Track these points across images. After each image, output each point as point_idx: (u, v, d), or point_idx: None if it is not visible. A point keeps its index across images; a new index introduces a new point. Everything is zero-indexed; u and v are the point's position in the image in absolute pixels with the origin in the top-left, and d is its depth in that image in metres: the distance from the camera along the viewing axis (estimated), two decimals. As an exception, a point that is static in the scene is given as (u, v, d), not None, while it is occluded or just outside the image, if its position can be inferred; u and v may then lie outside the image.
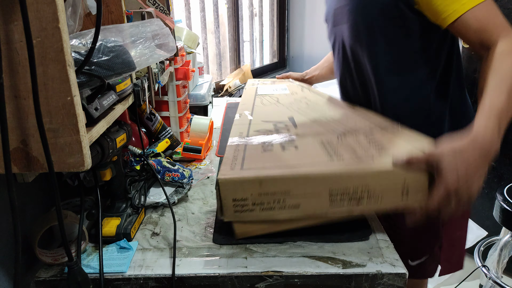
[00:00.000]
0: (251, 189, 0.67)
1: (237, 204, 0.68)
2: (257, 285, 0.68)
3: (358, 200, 0.66)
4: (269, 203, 0.68)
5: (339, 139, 0.81)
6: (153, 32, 0.74)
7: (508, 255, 1.46)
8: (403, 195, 0.65)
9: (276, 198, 0.67)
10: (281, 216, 0.69)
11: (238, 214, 0.69)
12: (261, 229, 0.72)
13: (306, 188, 0.67)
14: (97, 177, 0.75)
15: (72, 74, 0.49)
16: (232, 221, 0.71)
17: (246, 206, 0.68)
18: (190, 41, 1.47)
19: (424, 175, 0.64)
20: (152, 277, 0.68)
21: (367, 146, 0.75)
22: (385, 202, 0.66)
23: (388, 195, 0.66)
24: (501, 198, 1.36)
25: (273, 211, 0.68)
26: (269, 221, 0.70)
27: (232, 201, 0.68)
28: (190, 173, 0.98)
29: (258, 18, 2.70)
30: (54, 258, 0.70)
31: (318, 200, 0.67)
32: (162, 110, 1.22)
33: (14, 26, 0.45)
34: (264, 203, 0.68)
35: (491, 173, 1.83)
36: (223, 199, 0.68)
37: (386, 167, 0.66)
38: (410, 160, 0.64)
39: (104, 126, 0.62)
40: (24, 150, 0.51)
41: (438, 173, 0.62)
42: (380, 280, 0.67)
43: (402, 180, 0.65)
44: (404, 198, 0.65)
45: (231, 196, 0.68)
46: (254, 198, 0.67)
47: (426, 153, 0.64)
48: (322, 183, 0.66)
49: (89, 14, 0.72)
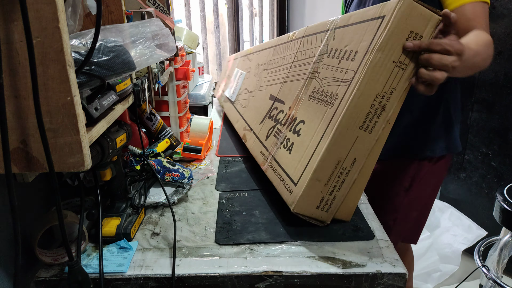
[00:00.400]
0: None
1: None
2: (257, 285, 0.68)
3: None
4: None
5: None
6: (153, 32, 0.74)
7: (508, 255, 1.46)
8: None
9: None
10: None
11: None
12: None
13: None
14: (97, 177, 0.75)
15: (72, 74, 0.49)
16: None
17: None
18: (190, 41, 1.47)
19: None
20: (152, 277, 0.68)
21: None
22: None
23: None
24: (501, 198, 1.36)
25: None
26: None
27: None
28: (190, 173, 0.98)
29: (258, 18, 2.70)
30: (54, 258, 0.70)
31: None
32: (162, 110, 1.22)
33: (14, 26, 0.45)
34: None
35: (491, 173, 1.83)
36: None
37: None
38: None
39: (104, 126, 0.62)
40: (24, 150, 0.51)
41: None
42: (380, 280, 0.67)
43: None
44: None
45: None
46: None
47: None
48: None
49: (89, 14, 0.72)
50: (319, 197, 0.73)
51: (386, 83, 0.68)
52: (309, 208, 0.74)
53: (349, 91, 0.70)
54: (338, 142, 0.70)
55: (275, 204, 0.88)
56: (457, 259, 1.78)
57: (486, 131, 1.80)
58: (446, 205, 1.94)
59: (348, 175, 0.73)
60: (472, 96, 1.82)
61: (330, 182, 0.73)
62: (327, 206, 0.75)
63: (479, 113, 1.81)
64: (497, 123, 1.76)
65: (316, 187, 0.72)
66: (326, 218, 0.76)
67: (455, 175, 1.98)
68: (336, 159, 0.71)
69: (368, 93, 0.68)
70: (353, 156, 0.71)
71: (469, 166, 1.91)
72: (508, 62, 1.66)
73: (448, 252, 1.78)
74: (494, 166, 1.81)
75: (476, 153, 1.86)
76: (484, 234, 1.78)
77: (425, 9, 0.65)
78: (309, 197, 0.73)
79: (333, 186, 0.73)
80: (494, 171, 1.81)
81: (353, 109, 0.69)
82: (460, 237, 1.81)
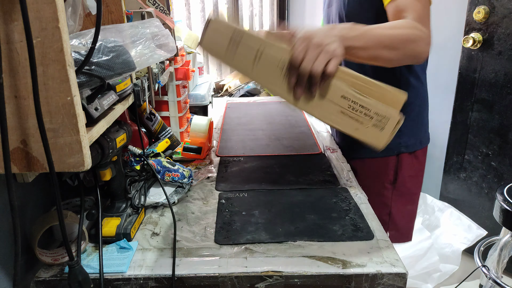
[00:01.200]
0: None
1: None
2: (257, 285, 0.68)
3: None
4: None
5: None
6: (153, 32, 0.74)
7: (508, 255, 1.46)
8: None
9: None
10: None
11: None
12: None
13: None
14: (97, 177, 0.75)
15: (72, 74, 0.49)
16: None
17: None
18: (190, 41, 1.47)
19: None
20: (152, 277, 0.68)
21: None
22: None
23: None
24: (501, 198, 1.36)
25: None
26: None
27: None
28: (190, 173, 0.98)
29: (258, 18, 2.70)
30: (54, 258, 0.70)
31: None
32: (162, 110, 1.22)
33: (14, 26, 0.45)
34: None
35: (491, 173, 1.83)
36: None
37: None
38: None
39: (104, 126, 0.62)
40: (24, 150, 0.51)
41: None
42: (380, 280, 0.67)
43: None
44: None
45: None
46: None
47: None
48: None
49: (89, 14, 0.72)
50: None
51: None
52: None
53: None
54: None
55: (275, 204, 0.88)
56: (457, 259, 1.78)
57: (486, 131, 1.80)
58: (446, 205, 1.94)
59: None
60: (472, 96, 1.82)
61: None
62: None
63: (479, 113, 1.81)
64: (497, 123, 1.76)
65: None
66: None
67: (455, 175, 1.98)
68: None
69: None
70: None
71: (469, 166, 1.91)
72: (508, 62, 1.66)
73: (448, 252, 1.78)
74: (494, 166, 1.81)
75: (476, 153, 1.86)
76: (484, 233, 1.78)
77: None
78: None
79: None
80: (494, 171, 1.81)
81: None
82: (460, 237, 1.81)
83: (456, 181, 1.99)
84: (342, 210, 0.85)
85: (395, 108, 0.79)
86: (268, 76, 0.76)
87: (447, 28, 2.02)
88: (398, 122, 0.79)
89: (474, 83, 1.80)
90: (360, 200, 0.89)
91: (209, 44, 0.77)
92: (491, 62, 1.70)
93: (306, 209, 0.85)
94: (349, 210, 0.85)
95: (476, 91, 1.80)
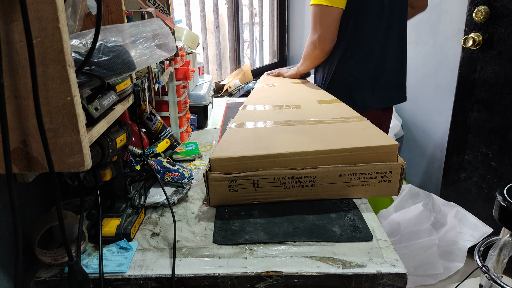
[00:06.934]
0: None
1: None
2: (257, 285, 0.68)
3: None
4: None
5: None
6: (153, 32, 0.74)
7: (508, 255, 1.46)
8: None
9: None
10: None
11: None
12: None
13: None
14: (97, 177, 0.75)
15: (72, 74, 0.49)
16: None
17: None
18: (190, 41, 1.47)
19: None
20: (152, 277, 0.68)
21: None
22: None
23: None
24: (501, 198, 1.36)
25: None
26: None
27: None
28: (190, 173, 0.98)
29: (258, 18, 2.70)
30: (54, 258, 0.70)
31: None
32: (162, 110, 1.22)
33: (14, 26, 0.45)
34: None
35: (491, 173, 1.83)
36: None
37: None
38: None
39: (104, 126, 0.62)
40: (24, 150, 0.51)
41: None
42: (380, 280, 0.67)
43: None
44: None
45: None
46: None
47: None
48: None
49: (89, 14, 0.72)
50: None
51: None
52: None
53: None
54: None
55: (274, 204, 0.88)
56: (463, 256, 1.78)
57: (486, 131, 1.80)
58: (452, 204, 1.93)
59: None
60: (472, 96, 1.82)
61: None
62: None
63: (479, 113, 1.81)
64: (497, 123, 1.75)
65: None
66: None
67: (455, 175, 1.98)
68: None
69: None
70: None
71: (469, 166, 1.91)
72: (508, 62, 1.66)
73: (453, 249, 1.79)
74: (494, 166, 1.81)
75: (476, 153, 1.86)
76: (490, 231, 1.77)
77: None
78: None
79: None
80: (494, 171, 1.81)
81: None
82: (466, 235, 1.80)
83: (456, 181, 1.98)
84: (341, 211, 0.85)
85: (392, 158, 0.82)
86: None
87: (447, 28, 2.02)
88: (402, 168, 0.82)
89: (474, 83, 1.79)
90: (359, 201, 0.89)
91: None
92: (491, 62, 1.70)
93: (305, 210, 0.85)
94: (348, 211, 0.85)
95: (476, 91, 1.80)
